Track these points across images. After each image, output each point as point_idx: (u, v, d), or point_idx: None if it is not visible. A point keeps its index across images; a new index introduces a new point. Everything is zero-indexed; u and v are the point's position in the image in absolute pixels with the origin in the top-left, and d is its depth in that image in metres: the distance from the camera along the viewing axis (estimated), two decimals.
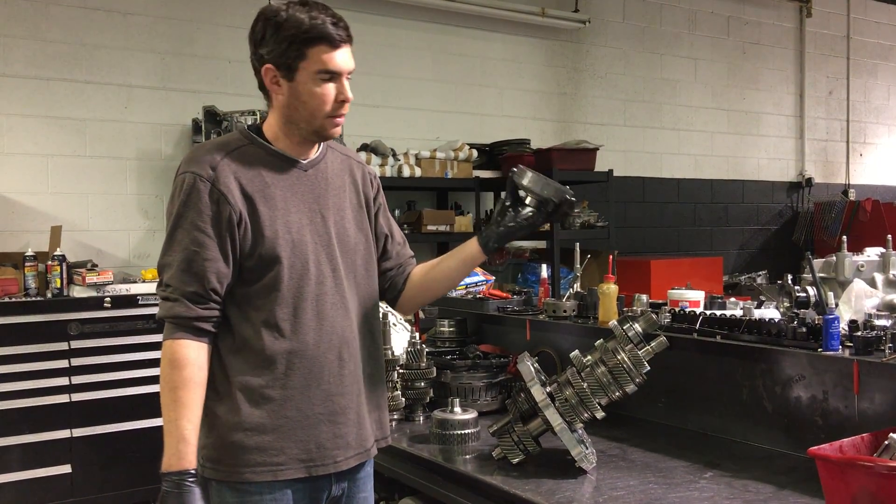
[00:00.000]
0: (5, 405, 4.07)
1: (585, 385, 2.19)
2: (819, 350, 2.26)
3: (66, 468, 4.21)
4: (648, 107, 7.41)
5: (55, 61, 4.97)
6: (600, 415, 2.20)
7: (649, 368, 2.21)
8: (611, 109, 7.20)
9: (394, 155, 5.51)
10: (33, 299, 4.26)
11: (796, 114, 8.46)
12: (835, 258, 3.35)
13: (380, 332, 2.10)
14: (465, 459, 2.37)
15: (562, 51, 6.94)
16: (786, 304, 2.82)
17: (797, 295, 2.77)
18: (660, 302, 3.05)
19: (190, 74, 5.37)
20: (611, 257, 3.11)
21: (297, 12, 1.82)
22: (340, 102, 1.89)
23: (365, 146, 5.48)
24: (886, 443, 1.75)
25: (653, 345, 2.22)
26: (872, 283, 3.25)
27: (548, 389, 2.22)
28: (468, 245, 2.12)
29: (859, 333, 2.23)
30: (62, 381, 4.22)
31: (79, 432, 4.25)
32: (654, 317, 2.30)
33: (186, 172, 1.85)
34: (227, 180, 1.84)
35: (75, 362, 4.25)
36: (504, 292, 3.67)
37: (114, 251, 5.12)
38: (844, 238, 3.41)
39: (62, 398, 4.21)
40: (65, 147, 5.01)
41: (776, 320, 2.48)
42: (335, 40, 1.84)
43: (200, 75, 5.40)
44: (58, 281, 4.32)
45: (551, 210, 2.05)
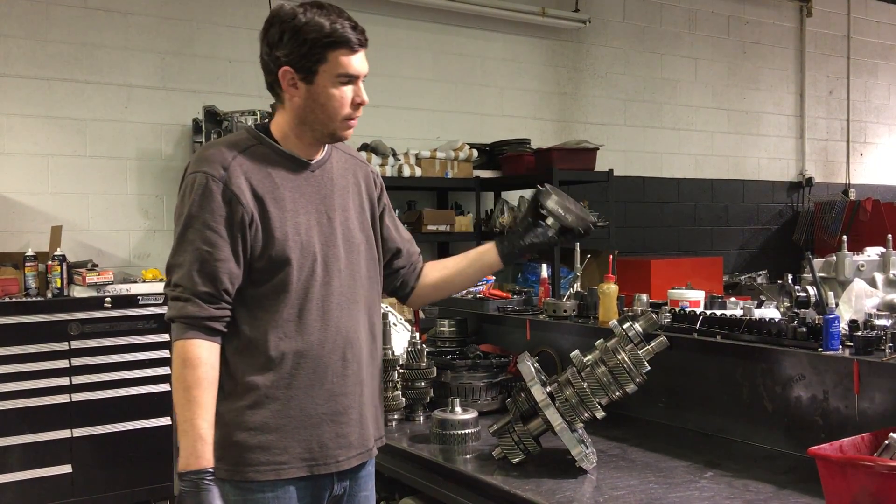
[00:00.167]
0: (6, 405, 4.07)
1: (586, 385, 2.19)
2: (819, 350, 2.26)
3: (66, 468, 4.21)
4: (649, 106, 7.41)
5: (55, 61, 4.97)
6: (600, 414, 2.20)
7: (649, 368, 2.21)
8: (611, 109, 7.20)
9: (394, 155, 5.51)
10: (34, 299, 4.26)
11: (797, 113, 8.46)
12: (835, 258, 3.35)
13: (380, 332, 2.11)
14: (466, 459, 2.37)
15: (562, 50, 6.94)
16: (786, 304, 2.81)
17: (797, 295, 2.77)
18: (660, 302, 3.05)
19: (190, 74, 5.37)
20: (611, 257, 3.11)
21: (316, 16, 1.82)
22: (357, 105, 1.90)
23: (365, 146, 5.48)
24: (887, 442, 1.75)
25: (653, 344, 2.23)
26: (873, 283, 3.25)
27: (548, 389, 2.22)
28: (487, 252, 2.18)
29: (859, 333, 2.23)
30: (62, 381, 4.22)
31: (79, 432, 4.25)
32: (654, 316, 2.30)
33: (198, 172, 1.83)
34: (238, 181, 1.83)
35: (76, 362, 4.25)
36: (504, 292, 3.67)
37: (114, 251, 5.12)
38: (845, 238, 3.41)
39: (62, 398, 4.21)
40: (65, 147, 5.01)
41: (776, 320, 2.48)
42: (354, 44, 1.85)
43: (201, 75, 5.40)
44: (58, 281, 4.31)
45: (571, 236, 2.16)
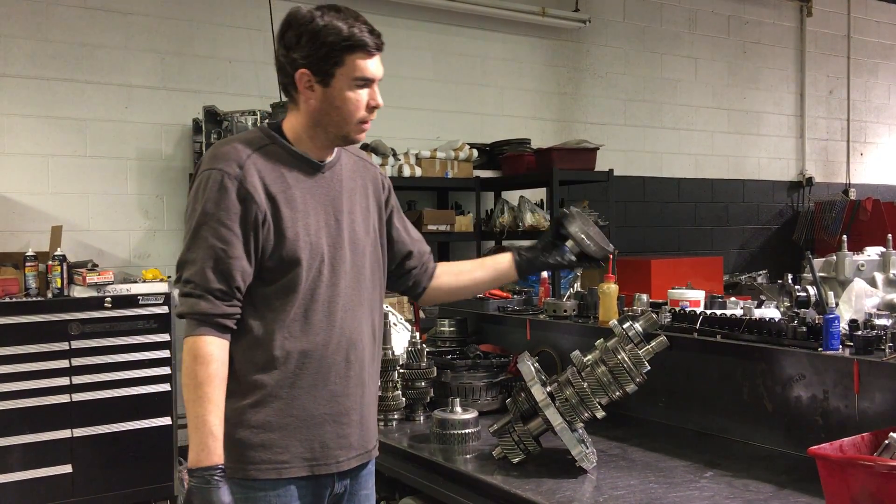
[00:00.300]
0: (6, 405, 4.07)
1: (586, 385, 2.19)
2: (819, 349, 2.26)
3: (66, 468, 4.21)
4: (649, 106, 7.41)
5: (55, 61, 4.97)
6: (600, 414, 2.20)
7: (649, 368, 2.21)
8: (611, 109, 7.20)
9: (394, 155, 5.51)
10: (34, 299, 4.26)
11: (797, 113, 8.46)
12: (835, 257, 3.35)
13: (381, 334, 2.11)
14: (466, 459, 2.37)
15: (562, 50, 6.94)
16: (786, 304, 2.81)
17: (797, 294, 2.77)
18: (660, 301, 3.05)
19: (190, 74, 5.37)
20: (611, 257, 3.10)
21: (334, 20, 1.84)
22: (371, 108, 1.92)
23: (365, 146, 5.48)
24: (887, 442, 1.75)
25: (653, 344, 2.23)
26: (873, 283, 3.24)
27: (548, 389, 2.22)
28: (503, 264, 2.24)
29: (859, 333, 2.23)
30: (63, 381, 4.22)
31: (79, 432, 4.25)
32: (654, 316, 2.30)
33: (213, 169, 1.83)
34: (253, 179, 1.83)
35: (76, 362, 4.25)
36: (504, 292, 3.66)
37: (114, 251, 5.12)
38: (845, 237, 3.40)
39: (63, 398, 4.21)
40: (65, 147, 5.01)
41: (776, 320, 2.47)
42: (371, 48, 1.87)
43: (201, 75, 5.40)
44: (58, 281, 4.31)
45: (588, 263, 2.24)
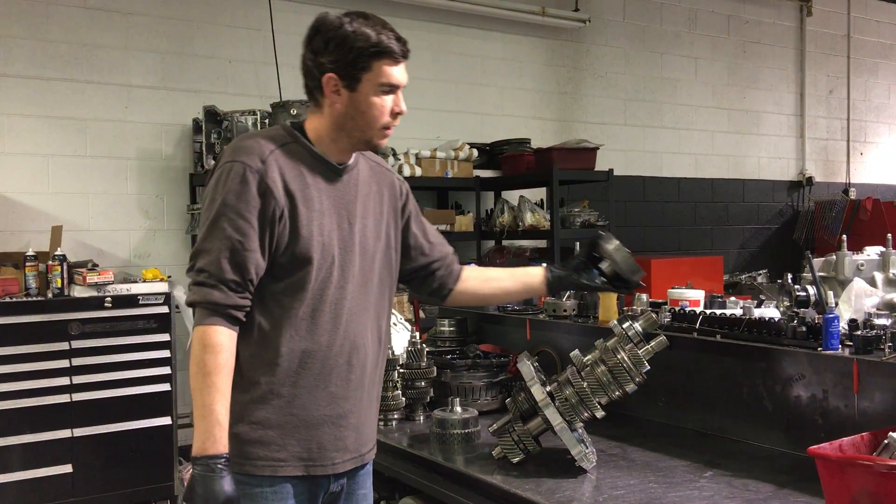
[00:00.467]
0: (6, 405, 4.06)
1: (585, 384, 2.19)
2: (819, 349, 2.26)
3: (66, 468, 4.21)
4: (649, 106, 7.41)
5: (55, 61, 4.97)
6: (600, 414, 2.21)
7: (649, 368, 2.21)
8: (611, 109, 7.20)
9: (394, 154, 5.51)
10: (34, 299, 4.25)
11: (797, 113, 8.46)
12: (835, 257, 3.34)
13: (387, 340, 2.12)
14: (465, 459, 2.37)
15: (562, 50, 6.93)
16: (786, 304, 2.81)
17: (797, 294, 2.77)
18: (660, 301, 3.05)
19: (190, 74, 5.37)
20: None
21: (362, 26, 1.87)
22: (395, 115, 1.95)
23: None
24: (886, 442, 1.75)
25: (653, 344, 2.23)
26: (872, 282, 3.24)
27: (548, 389, 2.23)
28: (534, 277, 2.27)
29: (859, 332, 2.23)
30: (63, 380, 4.21)
31: (80, 432, 4.24)
32: (654, 316, 2.30)
33: (236, 161, 1.85)
34: (273, 175, 1.85)
35: (76, 362, 4.25)
36: None
37: (114, 251, 5.12)
38: (844, 237, 3.40)
39: (63, 398, 4.21)
40: (65, 147, 5.01)
41: (776, 319, 2.47)
42: (398, 55, 1.91)
43: (201, 75, 5.40)
44: (58, 281, 4.31)
45: (621, 285, 2.25)
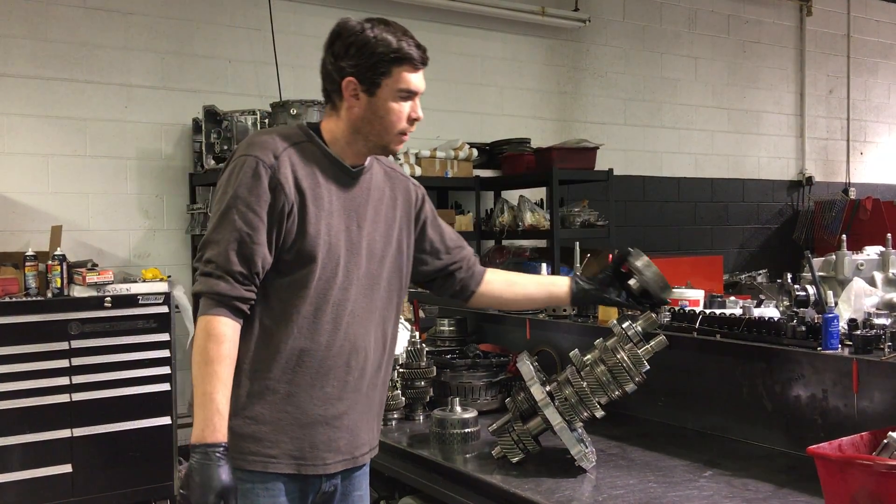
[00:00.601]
0: (6, 405, 4.06)
1: (585, 384, 2.19)
2: (818, 349, 2.26)
3: (66, 468, 4.21)
4: (648, 106, 7.41)
5: (55, 61, 4.97)
6: (600, 414, 2.20)
7: (649, 367, 2.21)
8: (611, 108, 7.20)
9: (393, 154, 5.50)
10: (34, 299, 4.25)
11: (797, 112, 8.46)
12: (834, 257, 3.35)
13: (394, 345, 2.11)
14: (465, 458, 2.37)
15: (562, 50, 6.93)
16: (785, 303, 2.81)
17: (797, 294, 2.76)
18: None
19: (190, 74, 5.37)
20: (611, 256, 3.10)
21: (383, 32, 1.93)
22: (412, 121, 1.99)
23: None
24: (885, 441, 1.75)
25: (652, 344, 2.22)
26: (872, 282, 3.24)
27: (547, 388, 2.22)
28: (560, 288, 2.29)
29: (859, 332, 2.23)
30: (63, 380, 4.21)
31: (79, 432, 4.25)
32: (653, 316, 2.30)
33: (249, 156, 1.87)
34: (285, 171, 1.87)
35: (76, 362, 4.25)
36: None
37: (114, 251, 5.12)
38: (844, 237, 3.40)
39: (63, 398, 4.21)
40: (65, 147, 5.01)
41: (776, 319, 2.47)
42: (418, 62, 1.95)
43: (200, 75, 5.40)
44: (58, 280, 4.31)
45: (648, 302, 2.24)
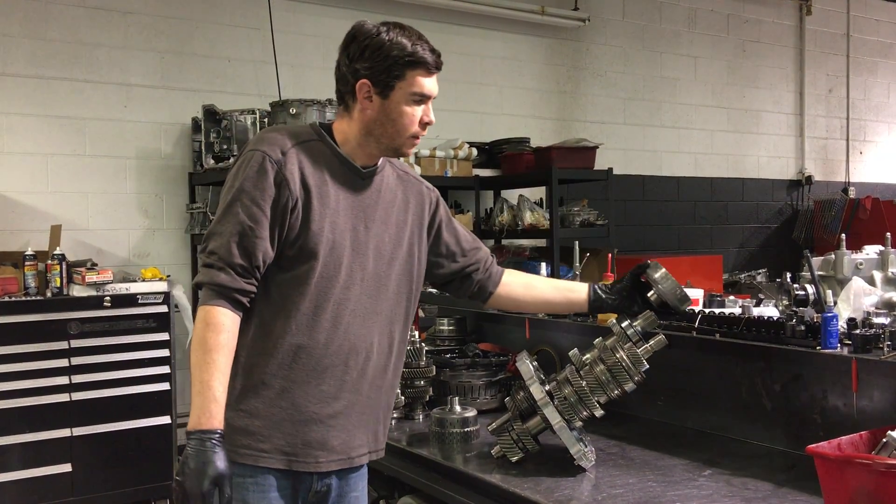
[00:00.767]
0: (5, 404, 4.07)
1: (584, 383, 2.19)
2: (818, 348, 2.26)
3: (66, 467, 4.21)
4: (648, 105, 7.41)
5: (54, 60, 4.97)
6: (599, 413, 2.20)
7: (648, 367, 2.21)
8: (610, 108, 7.19)
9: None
10: (33, 298, 4.25)
11: (796, 112, 8.46)
12: (834, 256, 3.35)
13: (403, 348, 2.10)
14: (465, 458, 2.37)
15: (561, 49, 6.93)
16: (785, 303, 2.81)
17: (796, 293, 2.77)
18: None
19: (189, 73, 5.37)
20: (610, 255, 3.11)
21: (398, 35, 1.95)
22: (424, 125, 2.00)
23: None
24: (885, 440, 1.75)
25: (652, 343, 2.22)
26: (871, 281, 3.24)
27: (547, 388, 2.22)
28: (578, 295, 2.30)
29: (858, 331, 2.23)
30: (62, 380, 4.22)
31: (79, 431, 4.25)
32: (652, 315, 2.30)
33: (257, 150, 1.89)
34: (292, 167, 1.89)
35: (75, 361, 4.25)
36: None
37: (113, 250, 5.12)
38: (843, 236, 3.40)
39: (62, 397, 4.21)
40: (64, 146, 5.01)
41: (775, 318, 2.47)
42: (431, 67, 1.99)
43: (200, 74, 5.39)
44: (57, 280, 4.31)
45: (667, 315, 2.26)
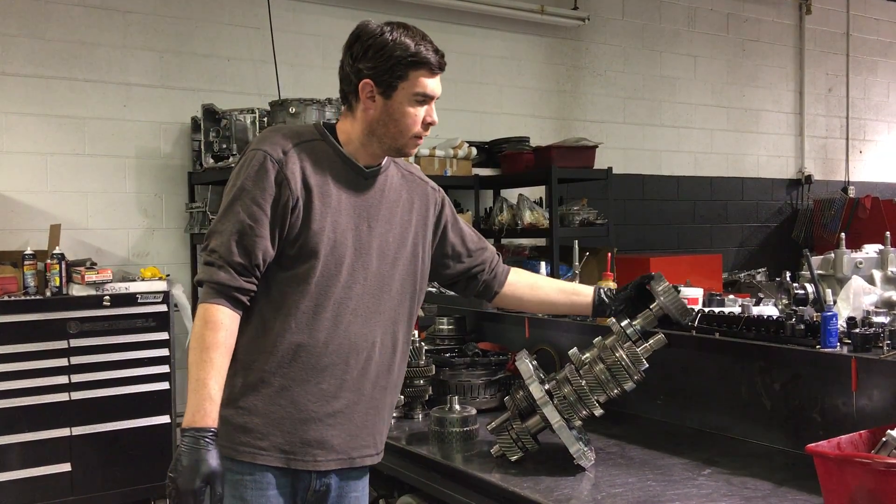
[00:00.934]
0: (5, 403, 4.07)
1: (584, 382, 2.19)
2: (817, 347, 2.26)
3: (65, 466, 4.22)
4: (648, 104, 7.40)
5: (54, 59, 4.97)
6: (599, 412, 2.20)
7: (648, 366, 2.21)
8: (610, 107, 7.19)
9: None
10: (32, 298, 4.25)
11: (796, 111, 8.46)
12: (833, 255, 3.35)
13: (406, 348, 2.11)
14: (464, 457, 2.36)
15: (561, 48, 6.93)
16: (784, 302, 2.81)
17: (796, 292, 2.76)
18: None
19: (189, 73, 5.36)
20: (610, 255, 3.11)
21: (402, 35, 1.96)
22: (427, 125, 2.00)
23: None
24: (884, 439, 1.75)
25: (651, 342, 2.22)
26: (871, 280, 3.25)
27: (546, 387, 2.22)
28: (583, 298, 2.33)
29: (857, 330, 2.23)
30: (62, 379, 4.22)
31: (78, 431, 4.25)
32: (652, 314, 2.30)
33: (258, 150, 1.90)
34: (293, 167, 1.89)
35: (75, 361, 4.25)
36: None
37: (113, 249, 5.12)
38: (843, 235, 3.41)
39: (62, 396, 4.21)
40: (64, 145, 5.00)
41: (775, 317, 2.47)
42: (435, 67, 2.00)
43: (199, 73, 5.39)
44: (57, 279, 4.31)
45: (668, 326, 2.27)
